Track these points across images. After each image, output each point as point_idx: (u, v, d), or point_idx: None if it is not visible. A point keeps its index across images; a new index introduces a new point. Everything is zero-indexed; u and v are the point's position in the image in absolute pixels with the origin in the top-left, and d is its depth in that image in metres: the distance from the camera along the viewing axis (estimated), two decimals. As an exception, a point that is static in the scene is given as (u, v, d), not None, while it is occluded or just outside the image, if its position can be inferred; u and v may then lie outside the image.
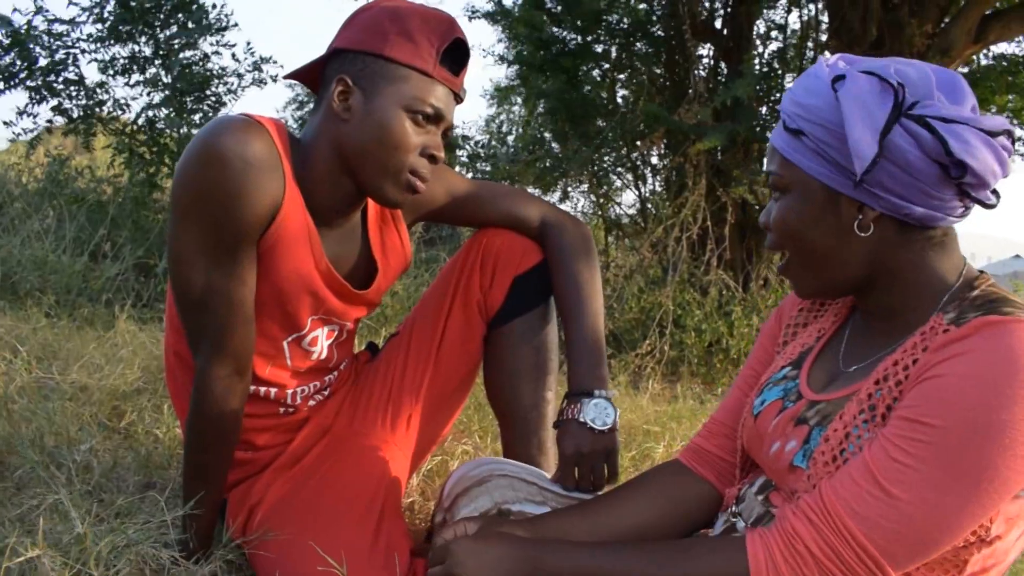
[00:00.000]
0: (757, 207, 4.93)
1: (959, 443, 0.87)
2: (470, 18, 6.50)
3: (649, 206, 6.14)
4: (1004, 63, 5.35)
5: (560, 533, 1.18)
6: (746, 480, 1.17)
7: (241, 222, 1.24)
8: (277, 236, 1.31)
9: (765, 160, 1.09)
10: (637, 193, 6.50)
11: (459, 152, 6.93)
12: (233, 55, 5.96)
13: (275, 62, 6.12)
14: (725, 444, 1.25)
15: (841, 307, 1.18)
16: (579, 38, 5.94)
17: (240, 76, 5.93)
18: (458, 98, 1.38)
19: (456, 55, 1.36)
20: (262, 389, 1.48)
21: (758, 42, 5.82)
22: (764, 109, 5.30)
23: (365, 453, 1.54)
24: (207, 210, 1.22)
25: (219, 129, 1.22)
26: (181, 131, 5.42)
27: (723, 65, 5.67)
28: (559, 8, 5.78)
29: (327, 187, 1.36)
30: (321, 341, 1.51)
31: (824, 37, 5.42)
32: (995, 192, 0.99)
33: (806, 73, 1.05)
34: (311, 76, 1.40)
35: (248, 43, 5.96)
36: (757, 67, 5.29)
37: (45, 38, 5.31)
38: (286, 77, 1.42)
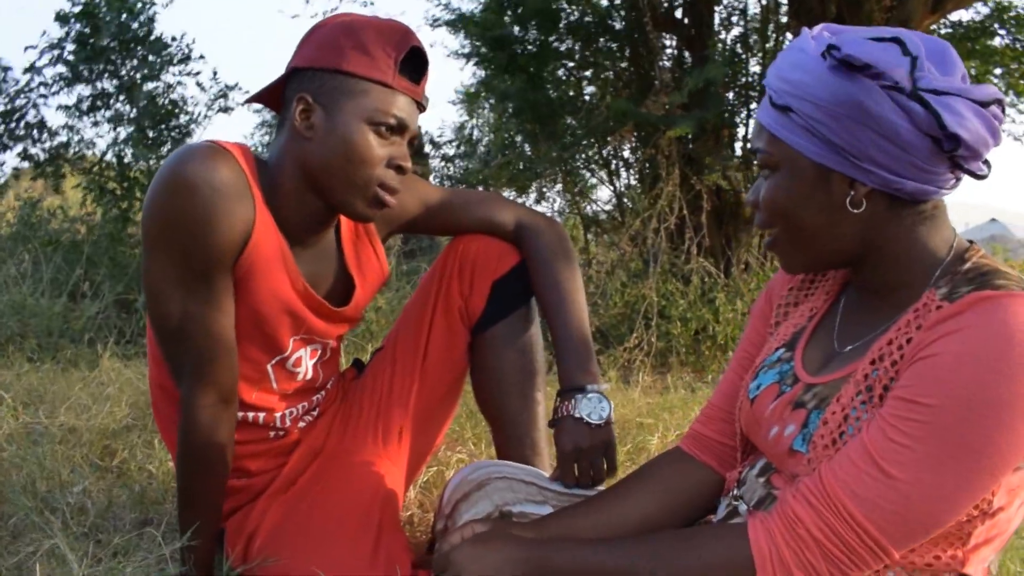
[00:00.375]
0: (732, 193, 4.95)
1: (956, 422, 0.86)
2: (432, 26, 6.51)
3: (625, 200, 6.16)
4: (962, 30, 5.41)
5: (566, 532, 1.17)
6: (747, 463, 1.17)
7: (213, 249, 1.23)
8: (251, 260, 1.31)
9: (752, 136, 1.07)
10: (612, 188, 6.52)
11: (432, 160, 6.93)
12: (198, 83, 5.93)
13: (240, 88, 6.11)
14: (724, 428, 1.25)
15: (832, 284, 1.17)
16: (540, 37, 5.95)
17: (207, 106, 5.91)
18: (420, 106, 1.38)
19: (414, 64, 1.35)
20: (250, 415, 1.47)
21: (720, 28, 5.85)
22: (731, 95, 5.33)
23: (358, 470, 1.54)
24: (178, 239, 1.22)
25: (184, 157, 1.22)
26: (150, 163, 5.40)
27: (687, 54, 5.70)
28: (519, 10, 5.79)
29: (297, 207, 1.36)
30: (305, 361, 1.51)
31: (784, 19, 5.45)
32: (986, 162, 0.98)
33: (791, 46, 1.03)
34: (273, 97, 1.40)
35: (214, 72, 5.94)
36: (720, 55, 5.31)
37: (4, 85, 5.29)
38: (247, 101, 1.42)
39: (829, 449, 0.97)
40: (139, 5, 5.53)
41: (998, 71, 6.02)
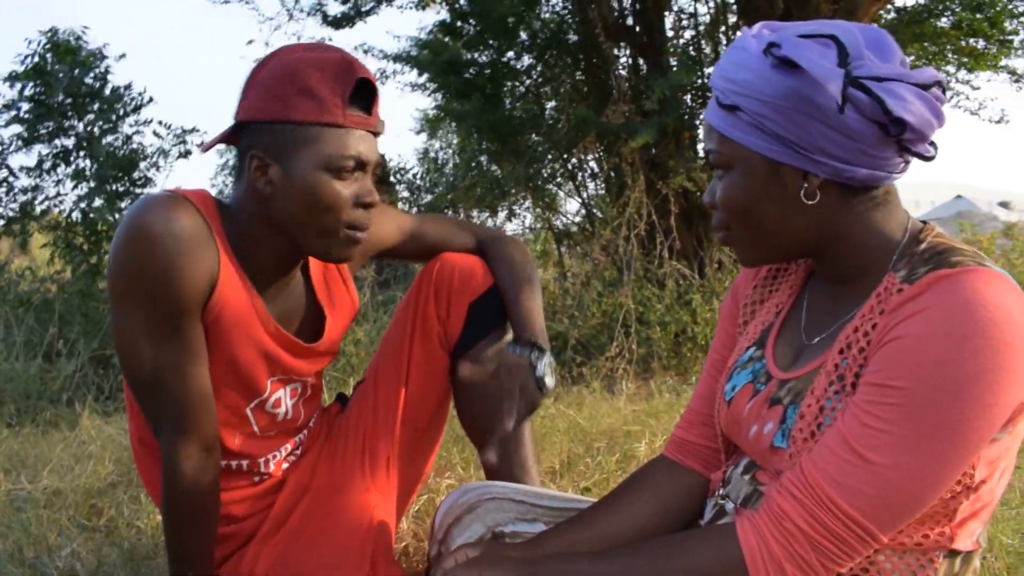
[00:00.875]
0: (698, 194, 4.99)
1: (927, 402, 0.87)
2: (389, 60, 6.55)
3: (594, 210, 6.19)
4: (907, 15, 5.50)
5: (561, 549, 1.17)
6: (730, 462, 1.18)
7: (179, 298, 1.23)
8: (219, 307, 1.30)
9: (703, 138, 1.09)
10: (580, 200, 6.55)
11: (398, 188, 6.93)
12: (155, 132, 5.92)
13: (198, 130, 6.10)
14: (705, 432, 1.25)
15: (795, 278, 1.19)
16: (493, 57, 5.99)
17: (165, 152, 5.90)
18: (376, 134, 1.36)
19: (363, 93, 1.32)
20: (233, 463, 1.47)
21: (671, 34, 5.92)
22: (688, 97, 5.39)
23: (348, 505, 1.53)
24: (142, 290, 1.22)
25: (143, 208, 1.22)
26: (115, 216, 5.37)
27: (641, 62, 5.75)
28: (474, 29, 5.83)
29: (265, 250, 1.35)
30: (285, 401, 1.50)
31: (733, 19, 5.52)
32: (932, 144, 0.99)
33: (733, 46, 1.04)
34: (231, 139, 1.39)
35: (167, 125, 5.92)
36: (674, 62, 5.37)
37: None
38: (204, 150, 1.41)
39: (809, 442, 0.98)
40: (90, 59, 5.52)
41: (948, 52, 6.13)
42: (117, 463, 2.52)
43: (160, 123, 5.91)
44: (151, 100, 5.89)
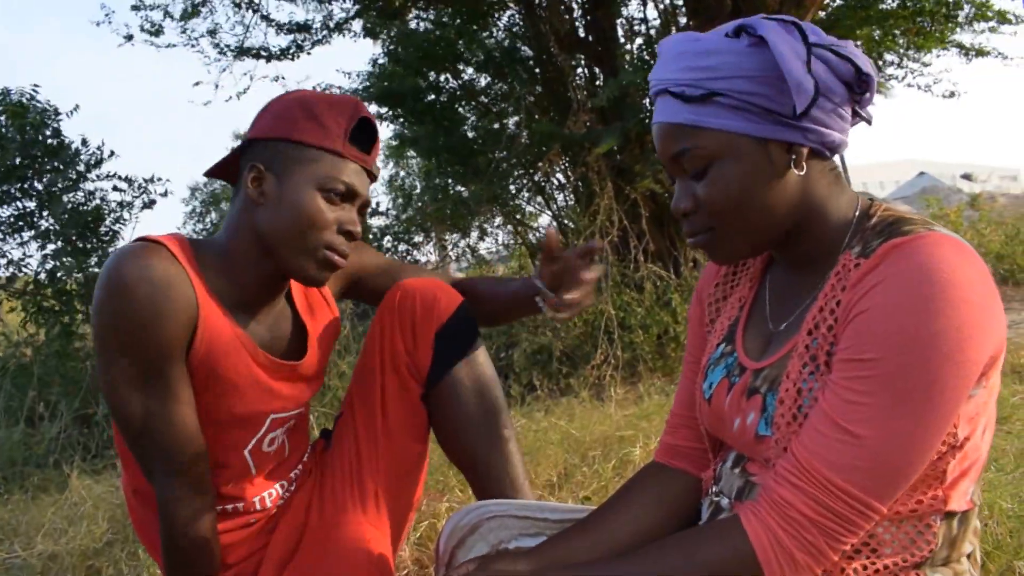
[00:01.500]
0: (667, 195, 5.04)
1: (900, 368, 0.89)
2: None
3: (565, 221, 6.22)
4: (855, 0, 5.60)
5: (564, 557, 1.17)
6: (718, 459, 1.19)
7: (161, 343, 1.25)
8: (205, 346, 1.32)
9: (665, 142, 1.05)
10: (550, 213, 6.58)
11: (369, 218, 6.93)
12: (115, 186, 5.88)
13: (160, 179, 6.08)
14: (691, 434, 1.26)
15: (753, 270, 1.20)
16: (444, 80, 6.03)
17: (129, 205, 5.87)
18: (371, 175, 1.42)
19: (364, 135, 1.40)
20: (229, 506, 1.46)
21: (624, 40, 5.98)
22: (647, 101, 5.44)
23: (345, 540, 1.52)
24: (124, 338, 1.24)
25: (118, 259, 1.25)
26: (85, 273, 5.33)
27: (597, 71, 5.80)
28: (418, 64, 5.87)
29: (252, 272, 1.38)
30: (279, 441, 1.51)
31: (683, 20, 5.59)
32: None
33: (673, 47, 1.04)
34: (229, 171, 1.44)
35: (128, 178, 5.89)
36: (629, 64, 5.42)
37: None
38: (206, 174, 1.44)
39: (792, 425, 0.99)
40: (37, 118, 5.48)
41: (896, 32, 6.24)
42: (111, 521, 2.50)
43: (120, 177, 5.87)
44: (112, 154, 5.86)
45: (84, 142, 5.75)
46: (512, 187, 6.30)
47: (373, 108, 6.65)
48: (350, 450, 1.59)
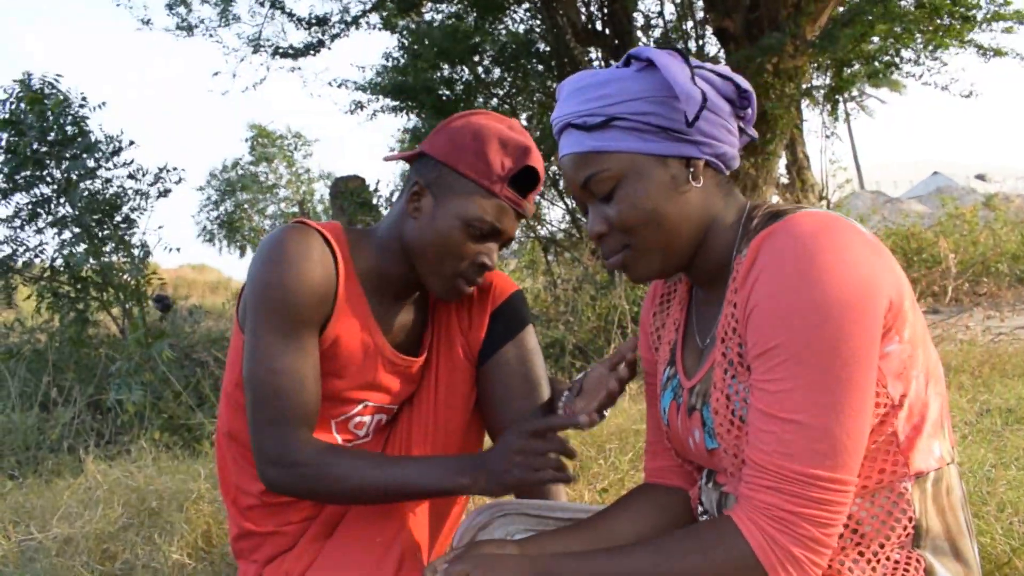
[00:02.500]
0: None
1: (804, 345, 0.92)
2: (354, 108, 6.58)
3: (579, 216, 6.21)
4: (872, -4, 5.55)
5: (556, 549, 1.17)
6: (700, 476, 1.21)
7: (300, 309, 1.37)
8: (338, 328, 1.42)
9: (570, 175, 1.11)
10: (564, 206, 6.57)
11: (384, 211, 6.94)
12: (130, 174, 5.89)
13: (173, 168, 6.09)
14: (669, 454, 1.28)
15: (682, 293, 1.24)
16: (462, 74, 6.01)
17: (145, 194, 5.88)
18: (521, 215, 1.48)
19: (527, 179, 1.46)
20: None
21: (640, 34, 5.96)
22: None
23: (387, 513, 1.54)
24: (270, 300, 1.37)
25: (274, 233, 1.42)
26: (100, 261, 5.34)
27: (613, 63, 5.79)
28: (435, 57, 5.86)
29: (394, 270, 1.49)
30: (367, 427, 1.56)
31: (700, 14, 5.56)
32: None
33: (573, 85, 1.11)
34: (407, 159, 1.53)
35: (141, 169, 5.91)
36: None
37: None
38: (386, 159, 1.52)
39: (732, 431, 1.03)
40: (62, 106, 5.49)
41: (914, 29, 6.20)
42: (126, 506, 2.50)
43: (131, 164, 5.89)
44: (132, 143, 5.87)
45: (108, 138, 5.77)
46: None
47: (387, 102, 6.65)
48: (403, 431, 1.62)
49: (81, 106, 5.65)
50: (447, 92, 6.11)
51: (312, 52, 6.54)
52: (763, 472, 0.96)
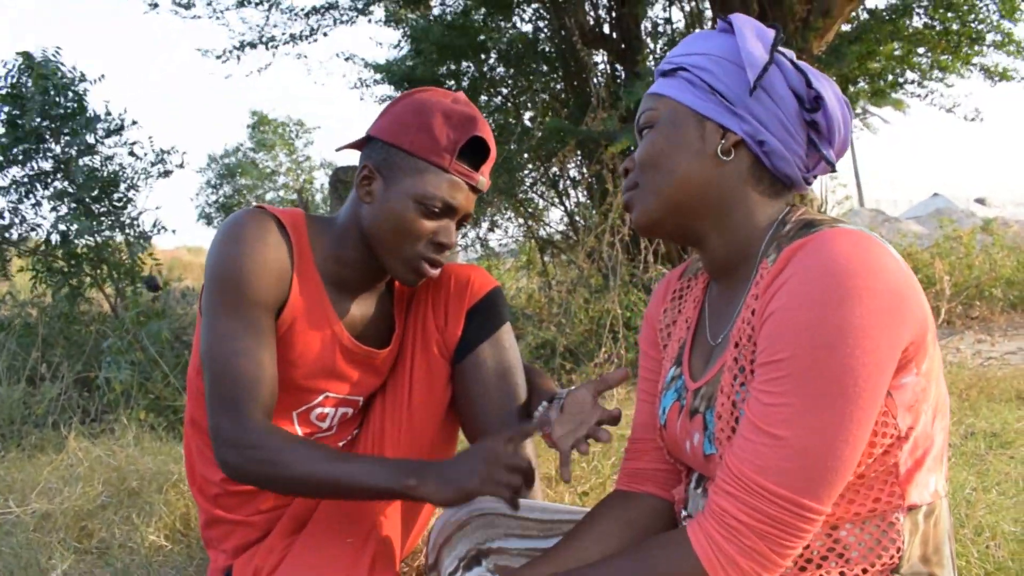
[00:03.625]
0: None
1: (810, 364, 0.89)
2: (360, 86, 6.55)
3: (577, 218, 6.20)
4: (884, 13, 5.55)
5: None
6: (687, 481, 1.19)
7: (254, 293, 1.36)
8: (293, 316, 1.41)
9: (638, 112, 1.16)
10: (563, 208, 6.56)
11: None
12: (131, 152, 5.88)
13: (176, 151, 6.08)
14: (654, 456, 1.26)
15: (697, 291, 1.23)
16: (467, 69, 6.00)
17: (146, 173, 5.88)
18: (476, 190, 1.46)
19: (476, 150, 1.44)
20: None
21: (648, 40, 5.96)
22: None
23: (360, 511, 1.53)
24: (224, 281, 1.37)
25: (232, 216, 1.42)
26: (96, 237, 5.33)
27: (619, 68, 5.78)
28: (440, 52, 5.85)
29: (354, 258, 1.47)
30: (330, 419, 1.55)
31: (708, 25, 5.56)
32: (831, 164, 1.08)
33: (687, 37, 1.15)
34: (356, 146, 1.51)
35: (150, 138, 5.92)
36: (654, 63, 5.40)
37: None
38: (338, 149, 1.53)
39: (732, 439, 1.00)
40: (63, 81, 5.48)
41: (920, 50, 6.20)
42: (106, 484, 2.49)
43: (135, 144, 5.88)
44: (134, 123, 5.86)
45: (108, 112, 5.76)
46: (526, 180, 6.27)
47: (392, 90, 6.65)
48: (375, 430, 1.60)
49: (81, 80, 5.63)
50: (453, 84, 6.09)
51: (312, 39, 6.52)
52: (730, 478, 0.95)
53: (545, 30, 6.02)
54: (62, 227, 5.41)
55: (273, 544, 1.50)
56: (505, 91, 6.48)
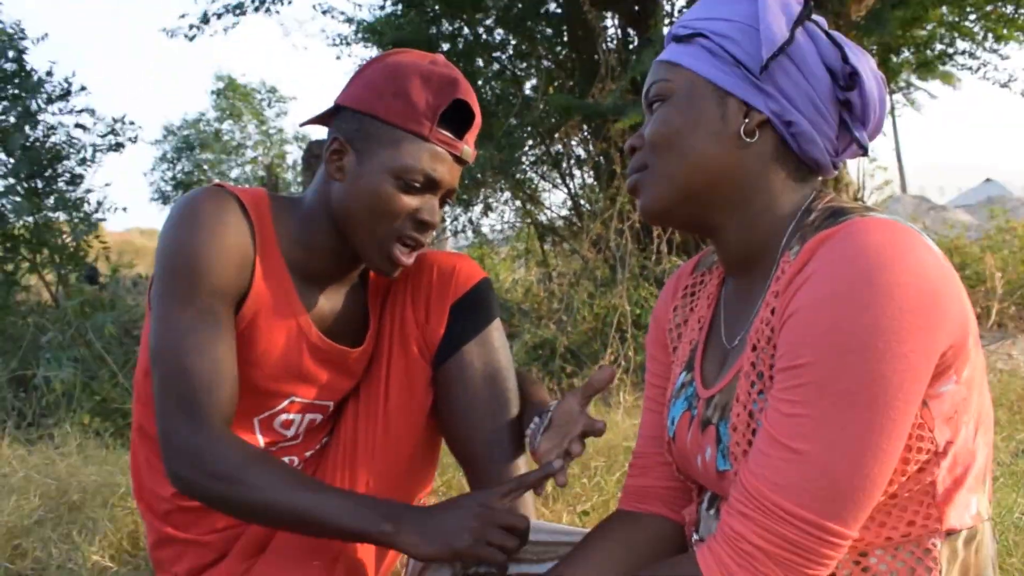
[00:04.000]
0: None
1: (835, 370, 0.88)
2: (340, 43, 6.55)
3: (581, 202, 6.20)
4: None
5: None
6: (698, 500, 1.18)
7: (212, 282, 1.34)
8: (255, 310, 1.40)
9: (648, 79, 1.14)
10: (566, 190, 6.56)
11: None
12: (77, 123, 5.86)
13: (131, 122, 6.06)
14: (662, 472, 1.26)
15: (711, 287, 1.22)
16: (467, 31, 5.99)
17: (95, 147, 5.86)
18: (461, 160, 1.44)
19: (460, 115, 1.41)
20: None
21: (664, 1, 5.95)
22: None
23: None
24: (179, 268, 1.34)
25: (186, 197, 1.39)
26: (35, 217, 5.31)
27: (631, 32, 5.77)
28: (436, 7, 5.84)
29: (322, 244, 1.46)
30: (296, 425, 1.54)
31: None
32: (863, 147, 1.07)
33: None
34: (324, 121, 1.49)
35: (94, 116, 5.88)
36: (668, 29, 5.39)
37: None
38: (302, 124, 1.52)
39: (749, 454, 0.99)
40: (1, 39, 5.45)
41: (971, 18, 6.20)
42: (44, 497, 2.49)
43: (82, 113, 5.86)
44: (83, 88, 5.83)
45: (49, 72, 5.73)
46: (526, 158, 6.26)
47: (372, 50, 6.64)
48: (347, 436, 1.59)
49: (20, 38, 5.60)
50: (448, 47, 6.09)
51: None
52: (745, 497, 0.94)
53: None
54: (-2, 204, 5.39)
55: (230, 568, 1.49)
56: (504, 57, 6.47)
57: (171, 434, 1.31)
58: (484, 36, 6.26)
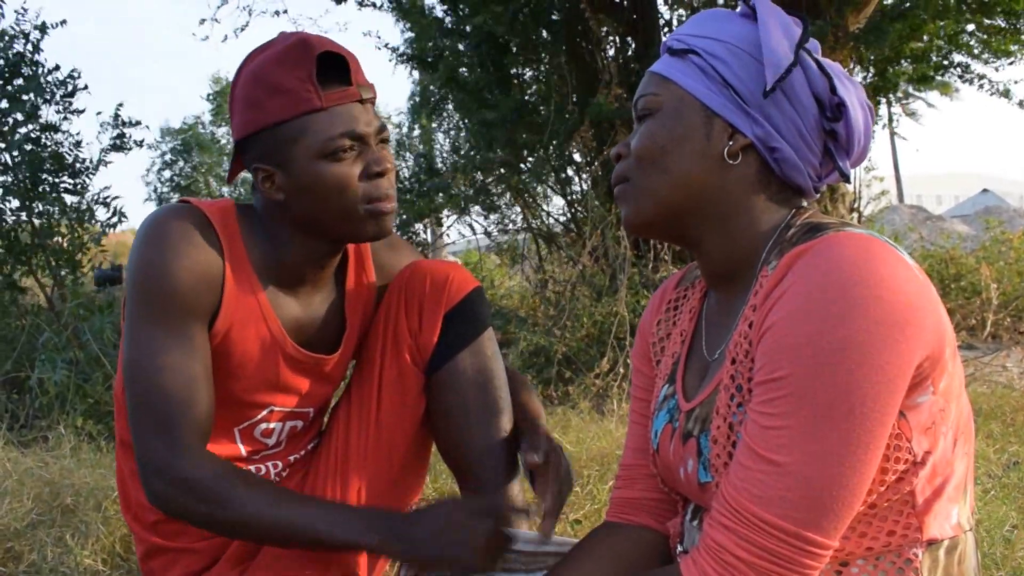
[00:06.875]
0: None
1: (812, 382, 0.89)
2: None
3: (578, 208, 6.20)
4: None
5: None
6: (683, 512, 1.20)
7: (183, 300, 1.35)
8: (228, 323, 1.40)
9: (638, 90, 1.15)
10: (566, 197, 6.55)
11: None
12: (74, 135, 5.79)
13: (139, 123, 6.01)
14: (648, 483, 1.27)
15: (693, 301, 1.23)
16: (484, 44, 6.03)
17: (105, 150, 5.82)
18: (365, 100, 1.42)
19: (335, 66, 1.39)
20: None
21: (664, 9, 5.96)
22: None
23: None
24: (149, 286, 1.35)
25: (152, 215, 1.40)
26: (34, 219, 5.28)
27: (630, 40, 5.78)
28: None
29: (296, 251, 1.46)
30: (277, 434, 1.55)
31: (732, -6, 5.56)
32: (844, 175, 1.10)
33: (700, 13, 1.14)
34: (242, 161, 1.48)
35: (97, 112, 5.85)
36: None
37: None
38: (229, 181, 1.58)
39: (729, 466, 1.00)
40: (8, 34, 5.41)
41: (970, 28, 6.22)
42: (37, 500, 2.48)
43: (82, 113, 5.82)
44: (86, 87, 5.78)
45: (57, 67, 5.67)
46: (528, 163, 6.27)
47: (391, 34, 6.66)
48: (339, 443, 1.60)
49: (25, 34, 5.57)
50: (468, 60, 6.12)
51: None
52: (726, 509, 0.95)
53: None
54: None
55: (221, 574, 1.50)
56: (505, 62, 6.47)
57: (148, 454, 1.32)
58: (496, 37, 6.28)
